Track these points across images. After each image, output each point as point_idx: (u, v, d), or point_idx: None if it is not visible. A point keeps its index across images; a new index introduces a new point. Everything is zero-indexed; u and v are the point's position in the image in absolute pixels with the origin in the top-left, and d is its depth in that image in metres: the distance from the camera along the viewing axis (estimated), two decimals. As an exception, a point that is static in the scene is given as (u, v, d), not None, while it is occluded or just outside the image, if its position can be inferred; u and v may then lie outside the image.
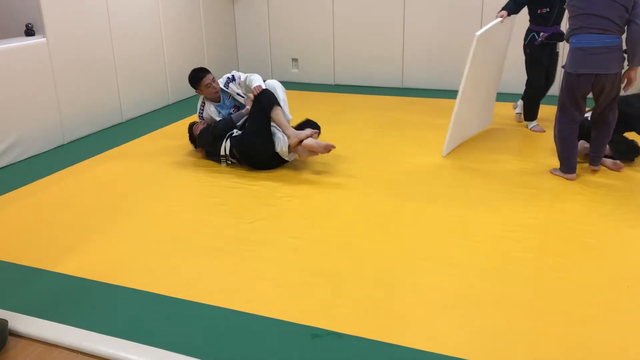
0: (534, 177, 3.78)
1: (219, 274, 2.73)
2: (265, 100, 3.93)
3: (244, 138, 3.99)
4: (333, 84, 6.92)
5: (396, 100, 6.03)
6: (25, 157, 4.46)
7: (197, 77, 4.28)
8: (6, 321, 2.32)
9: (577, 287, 2.53)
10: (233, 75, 4.36)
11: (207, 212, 3.40)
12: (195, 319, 2.38)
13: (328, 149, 3.73)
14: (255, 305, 2.45)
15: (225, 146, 4.04)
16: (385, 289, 2.55)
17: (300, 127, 4.12)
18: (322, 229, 3.15)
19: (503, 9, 4.28)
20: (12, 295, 2.60)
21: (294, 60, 7.05)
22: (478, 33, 3.99)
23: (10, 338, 2.30)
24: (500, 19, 4.19)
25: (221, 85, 4.34)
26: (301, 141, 3.80)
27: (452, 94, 6.16)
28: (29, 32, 4.51)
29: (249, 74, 4.31)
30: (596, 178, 3.71)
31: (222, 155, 4.08)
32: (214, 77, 4.32)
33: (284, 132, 3.92)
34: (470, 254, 2.83)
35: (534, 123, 4.84)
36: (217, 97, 4.34)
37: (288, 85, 4.49)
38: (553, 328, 2.25)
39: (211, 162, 4.22)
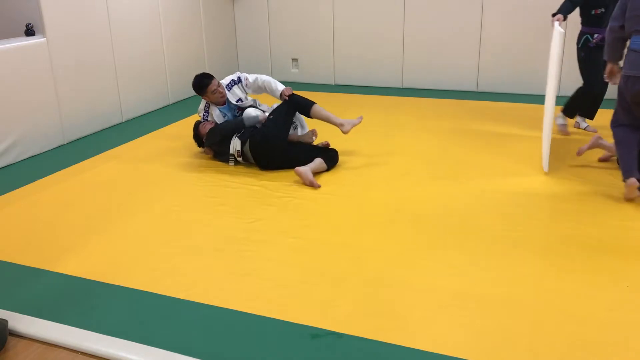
0: (533, 178, 3.79)
1: (219, 274, 2.72)
2: (302, 100, 4.11)
3: (268, 127, 4.00)
4: (333, 84, 6.92)
5: (396, 101, 6.03)
6: (25, 157, 4.46)
7: (203, 83, 4.22)
8: (6, 321, 2.32)
9: (577, 287, 2.53)
10: (239, 78, 4.32)
11: (207, 212, 3.40)
12: (195, 319, 2.38)
13: (312, 185, 3.68)
14: (255, 305, 2.45)
15: (235, 144, 4.03)
16: (385, 289, 2.55)
17: (319, 150, 4.08)
18: (322, 229, 3.15)
19: (558, 12, 4.07)
20: (12, 295, 2.60)
21: (294, 60, 7.06)
22: (561, 29, 3.68)
23: (10, 338, 2.30)
24: (557, 22, 3.94)
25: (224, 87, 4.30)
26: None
27: (452, 94, 6.21)
28: (29, 32, 4.51)
29: (259, 75, 4.28)
30: (597, 178, 3.71)
31: (231, 154, 4.07)
32: (219, 82, 4.27)
33: (333, 122, 4.08)
34: (470, 254, 2.83)
35: (585, 123, 4.71)
36: (223, 101, 4.32)
37: (288, 85, 4.48)
38: (553, 328, 2.25)
39: (211, 162, 4.22)
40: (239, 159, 4.06)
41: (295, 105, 4.11)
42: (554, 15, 4.13)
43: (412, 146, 4.48)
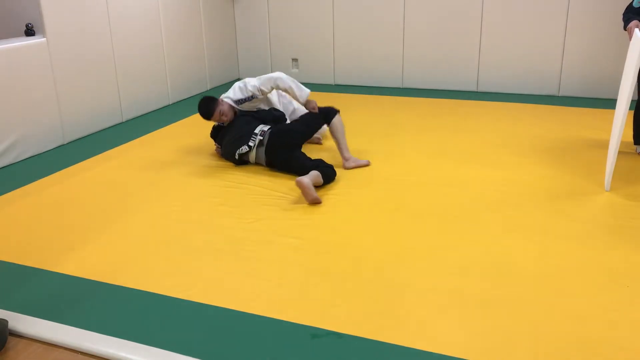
0: (534, 178, 3.79)
1: (219, 274, 2.72)
2: (327, 109, 4.13)
3: (290, 124, 4.12)
4: (333, 84, 6.92)
5: (396, 101, 6.03)
6: (25, 157, 4.46)
7: (208, 112, 4.12)
8: (6, 321, 2.32)
9: (577, 287, 2.53)
10: (252, 95, 4.14)
11: (207, 212, 3.40)
12: (195, 319, 2.38)
13: (312, 203, 3.46)
14: (255, 305, 2.45)
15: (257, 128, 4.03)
16: (385, 289, 2.55)
17: (318, 163, 3.94)
18: (322, 229, 3.15)
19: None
20: (12, 295, 2.60)
21: (294, 60, 7.06)
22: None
23: (10, 338, 2.30)
24: (637, 28, 3.48)
25: (232, 103, 4.15)
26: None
27: (452, 94, 6.21)
28: (29, 32, 4.51)
29: (276, 79, 4.13)
30: (597, 177, 3.71)
31: (238, 154, 4.03)
32: (221, 110, 4.10)
33: (341, 150, 4.04)
34: (470, 254, 2.83)
35: None
36: (229, 120, 4.20)
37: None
38: (553, 328, 2.25)
39: (211, 163, 4.22)
40: (251, 144, 3.92)
41: (323, 113, 4.11)
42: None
43: (412, 146, 4.48)
